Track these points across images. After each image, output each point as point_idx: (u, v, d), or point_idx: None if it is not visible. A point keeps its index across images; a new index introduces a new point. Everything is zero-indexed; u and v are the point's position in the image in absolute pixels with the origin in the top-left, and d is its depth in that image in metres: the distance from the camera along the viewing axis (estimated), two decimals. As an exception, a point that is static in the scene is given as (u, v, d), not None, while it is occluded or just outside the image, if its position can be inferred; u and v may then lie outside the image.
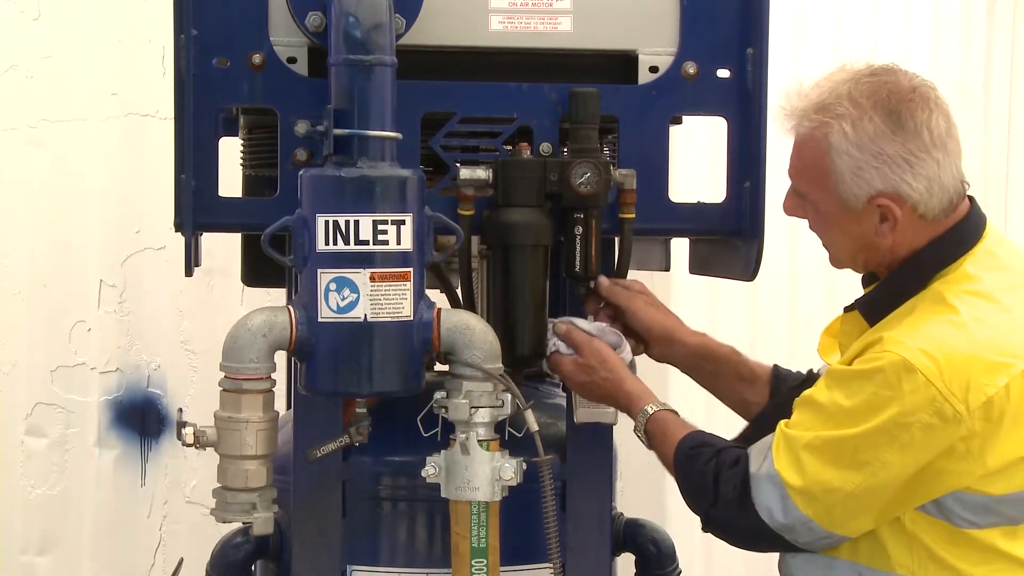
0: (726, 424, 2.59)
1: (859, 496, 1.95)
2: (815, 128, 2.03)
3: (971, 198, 2.08)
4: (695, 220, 2.37)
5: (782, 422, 2.04)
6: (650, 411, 2.20)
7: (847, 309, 2.14)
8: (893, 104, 2.00)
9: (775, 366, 2.44)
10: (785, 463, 1.98)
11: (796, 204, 2.12)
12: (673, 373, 2.48)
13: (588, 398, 2.32)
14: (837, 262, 2.15)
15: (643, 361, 2.39)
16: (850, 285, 2.50)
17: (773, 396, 2.38)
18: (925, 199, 2.00)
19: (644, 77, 2.30)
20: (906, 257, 2.05)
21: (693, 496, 2.12)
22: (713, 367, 2.43)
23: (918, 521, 1.98)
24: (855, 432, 1.93)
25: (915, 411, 1.90)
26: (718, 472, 2.06)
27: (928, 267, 2.03)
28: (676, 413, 2.22)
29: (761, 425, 2.24)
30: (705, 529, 2.13)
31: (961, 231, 2.05)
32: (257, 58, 2.20)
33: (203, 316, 4.15)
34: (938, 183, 2.00)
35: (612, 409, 2.38)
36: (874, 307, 2.07)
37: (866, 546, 2.01)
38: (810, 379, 2.33)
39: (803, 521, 1.98)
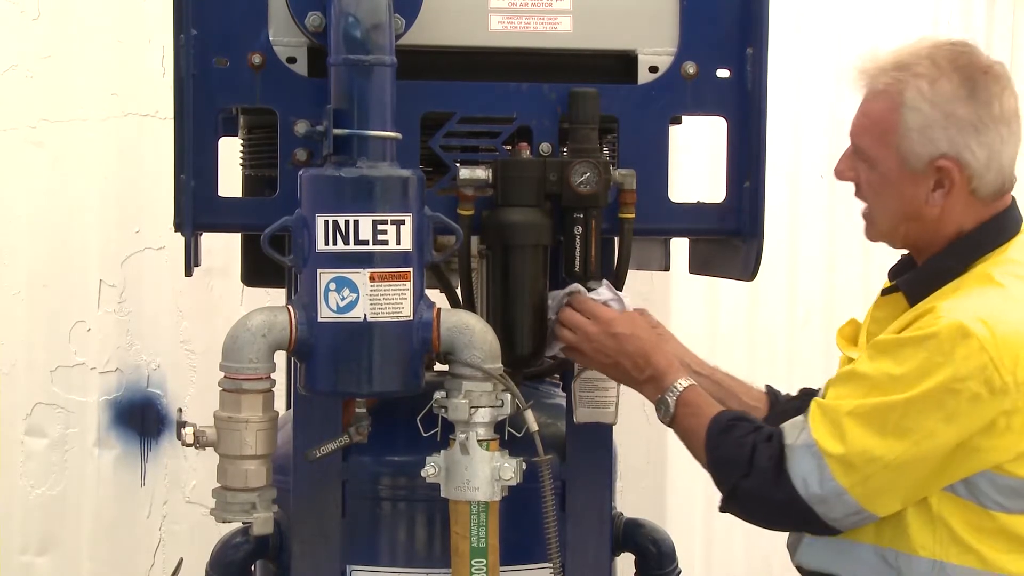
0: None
1: (899, 467, 1.95)
2: (891, 84, 2.06)
3: (1012, 196, 2.12)
4: (695, 220, 2.37)
5: (815, 400, 2.04)
6: (681, 386, 2.18)
7: (884, 292, 2.16)
8: (971, 72, 2.05)
9: (767, 386, 2.45)
10: (824, 432, 1.98)
11: (850, 166, 2.14)
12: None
13: (597, 367, 2.27)
14: (876, 232, 2.17)
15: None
16: (850, 286, 2.50)
17: (772, 407, 2.39)
18: (982, 172, 2.04)
19: (644, 77, 2.30)
20: (950, 237, 2.08)
21: (724, 466, 2.10)
22: (720, 397, 2.39)
23: (945, 503, 1.98)
24: (903, 398, 1.94)
25: (966, 378, 1.91)
26: (755, 443, 2.05)
27: (973, 249, 2.06)
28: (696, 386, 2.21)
29: None
30: (726, 507, 2.12)
31: (1006, 219, 2.09)
32: (257, 58, 2.20)
33: (203, 316, 4.15)
34: (997, 159, 2.04)
35: (612, 409, 2.38)
36: (917, 286, 2.09)
37: (889, 528, 2.01)
38: (808, 394, 2.33)
39: (838, 493, 1.97)
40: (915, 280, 2.11)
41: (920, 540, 2.00)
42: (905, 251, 2.24)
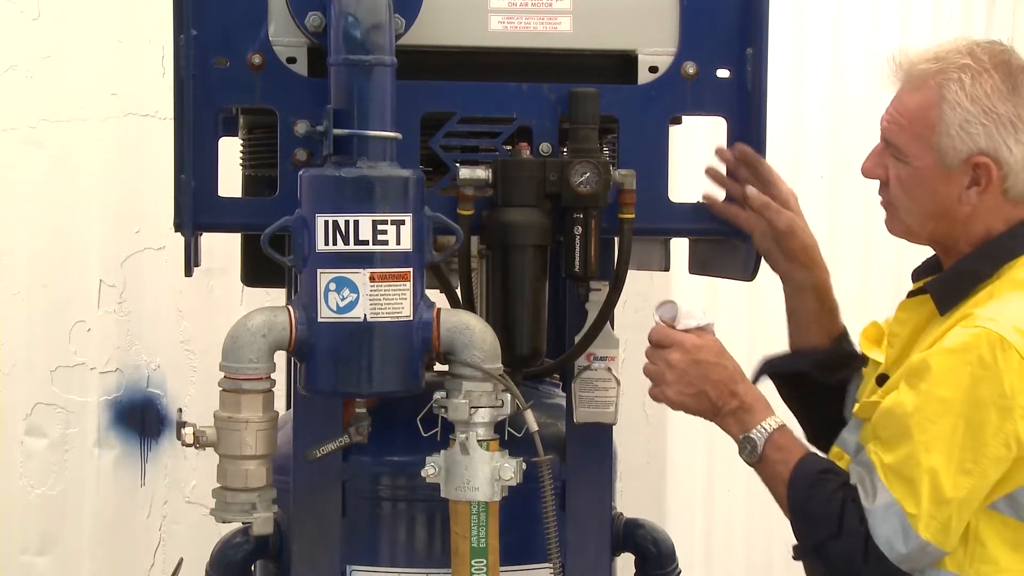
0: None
1: (969, 500, 1.92)
2: (931, 76, 2.03)
3: None
4: (695, 220, 2.37)
5: (873, 448, 1.99)
6: (772, 426, 2.11)
7: (911, 294, 2.12)
8: (1011, 69, 2.02)
9: (845, 328, 2.38)
10: (900, 488, 1.93)
11: (878, 163, 2.10)
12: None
13: (681, 399, 2.18)
14: (901, 227, 2.12)
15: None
16: (850, 286, 2.49)
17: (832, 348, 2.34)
18: (1016, 171, 2.01)
19: (644, 77, 2.30)
20: (978, 238, 2.05)
21: (811, 522, 2.04)
22: (814, 307, 2.34)
23: (983, 520, 1.95)
24: (960, 430, 1.89)
25: (1014, 394, 1.88)
26: (844, 502, 1.99)
27: (1004, 253, 2.03)
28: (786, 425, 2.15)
29: (773, 362, 2.30)
30: (805, 559, 2.08)
31: None
32: (257, 58, 2.20)
33: (203, 316, 4.15)
34: None
35: (612, 409, 2.38)
36: (947, 292, 2.04)
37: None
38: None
39: (922, 546, 1.93)
40: (944, 284, 2.07)
41: (951, 557, 1.96)
42: (929, 252, 2.20)
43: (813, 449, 2.17)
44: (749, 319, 4.64)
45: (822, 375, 2.32)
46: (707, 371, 2.15)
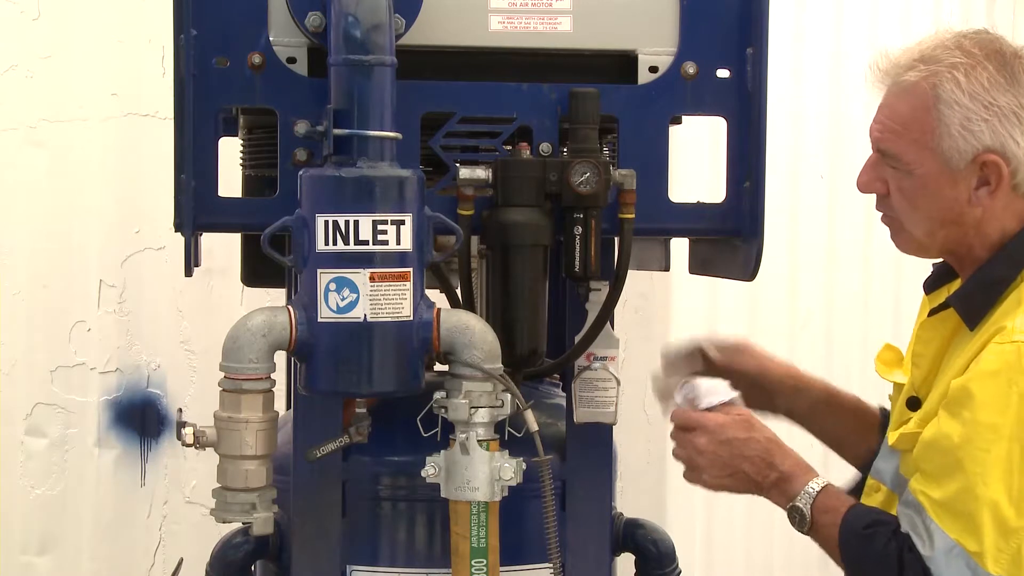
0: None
1: None
2: (923, 78, 1.92)
3: None
4: (695, 220, 2.37)
5: (919, 487, 1.89)
6: (814, 490, 2.01)
7: (932, 312, 2.02)
8: (1004, 58, 1.92)
9: (881, 408, 2.32)
10: (957, 527, 1.83)
11: (875, 177, 2.01)
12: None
13: (719, 483, 2.11)
14: (910, 241, 2.03)
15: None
16: (850, 286, 2.49)
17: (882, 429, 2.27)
18: None
19: (644, 77, 2.30)
20: (994, 240, 1.96)
21: None
22: (837, 417, 2.32)
23: None
24: (1018, 454, 1.81)
25: None
26: (901, 555, 1.87)
27: (1021, 253, 1.94)
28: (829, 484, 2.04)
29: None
30: None
31: None
32: (257, 58, 2.20)
33: (203, 316, 4.16)
34: None
35: (612, 409, 2.38)
36: (972, 304, 1.94)
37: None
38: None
39: None
40: (969, 297, 1.96)
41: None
42: (936, 260, 2.13)
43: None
44: (749, 320, 4.64)
45: None
46: (740, 449, 2.07)
